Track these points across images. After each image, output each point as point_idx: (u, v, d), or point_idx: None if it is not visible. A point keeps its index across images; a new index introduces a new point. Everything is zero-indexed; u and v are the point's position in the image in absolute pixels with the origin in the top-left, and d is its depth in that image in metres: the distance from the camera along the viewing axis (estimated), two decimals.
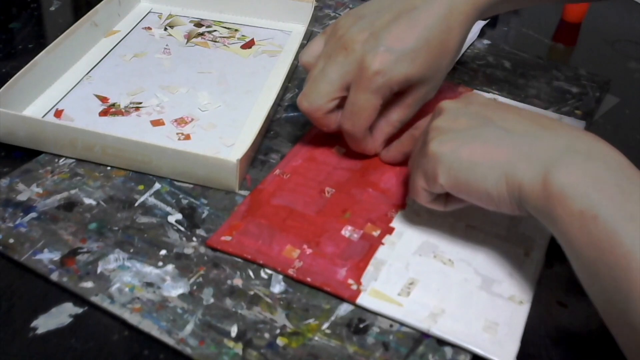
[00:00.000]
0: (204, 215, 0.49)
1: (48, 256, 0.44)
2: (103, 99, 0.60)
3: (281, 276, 0.45)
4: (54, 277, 0.43)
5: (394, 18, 0.49)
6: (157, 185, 0.51)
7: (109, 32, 0.69)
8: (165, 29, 0.71)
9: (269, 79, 0.64)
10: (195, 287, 0.43)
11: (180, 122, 0.57)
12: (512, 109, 0.46)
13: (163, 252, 0.46)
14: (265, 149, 0.56)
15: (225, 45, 0.70)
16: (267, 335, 0.41)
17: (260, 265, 0.45)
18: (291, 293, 0.44)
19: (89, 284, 0.43)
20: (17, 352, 0.39)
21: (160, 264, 0.45)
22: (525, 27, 0.82)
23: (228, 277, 0.44)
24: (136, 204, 0.49)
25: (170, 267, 0.45)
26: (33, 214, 0.47)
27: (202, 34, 0.71)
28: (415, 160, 0.47)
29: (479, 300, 0.44)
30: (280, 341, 0.41)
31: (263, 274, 0.45)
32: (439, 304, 0.43)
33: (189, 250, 0.46)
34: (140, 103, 0.59)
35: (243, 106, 0.60)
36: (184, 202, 0.50)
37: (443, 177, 0.43)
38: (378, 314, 0.43)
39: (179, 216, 0.49)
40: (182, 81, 0.63)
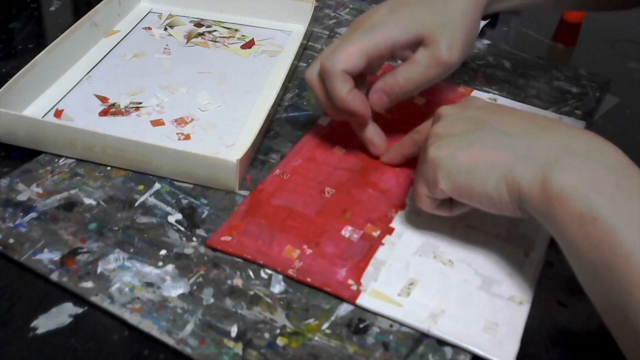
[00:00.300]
0: (204, 215, 0.49)
1: (48, 256, 0.44)
2: (103, 99, 0.60)
3: (281, 276, 0.45)
4: (54, 277, 0.43)
5: None
6: (157, 185, 0.51)
7: (109, 32, 0.69)
8: (165, 29, 0.71)
9: (269, 79, 0.64)
10: (195, 287, 0.43)
11: (180, 122, 0.57)
12: (510, 111, 0.46)
13: (163, 252, 0.46)
14: (265, 149, 0.56)
15: (225, 45, 0.70)
16: (267, 335, 0.41)
17: (260, 265, 0.45)
18: (291, 293, 0.44)
19: (89, 284, 0.43)
20: (17, 352, 0.39)
21: (160, 264, 0.45)
22: (525, 27, 0.82)
23: (228, 277, 0.44)
24: (136, 204, 0.49)
25: (170, 267, 0.45)
26: (33, 214, 0.47)
27: (202, 34, 0.71)
28: (418, 169, 0.47)
29: (478, 301, 0.44)
30: (280, 341, 0.41)
31: (263, 274, 0.45)
32: (438, 304, 0.43)
33: (189, 250, 0.46)
34: (140, 103, 0.59)
35: (243, 106, 0.60)
36: (184, 202, 0.50)
37: (443, 181, 0.43)
38: (378, 314, 0.43)
39: (179, 216, 0.49)
40: (182, 81, 0.63)
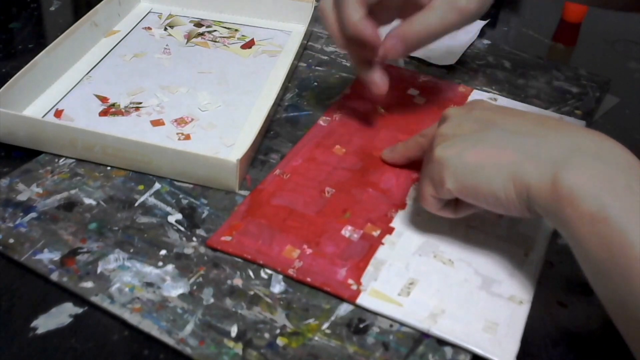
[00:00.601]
0: (204, 215, 0.49)
1: (48, 256, 0.44)
2: (103, 99, 0.60)
3: (281, 276, 0.45)
4: (54, 277, 0.43)
5: None
6: (157, 185, 0.51)
7: (109, 32, 0.69)
8: (165, 29, 0.71)
9: (269, 79, 0.64)
10: (195, 287, 0.43)
11: (180, 122, 0.57)
12: (515, 112, 0.45)
13: (163, 252, 0.46)
14: (265, 149, 0.56)
15: (225, 45, 0.70)
16: (267, 335, 0.41)
17: (260, 265, 0.45)
18: (291, 293, 0.44)
19: (89, 284, 0.43)
20: (17, 352, 0.39)
21: (160, 264, 0.45)
22: (525, 27, 0.82)
23: (228, 277, 0.44)
24: (136, 204, 0.49)
25: (170, 267, 0.45)
26: (33, 214, 0.47)
27: (202, 34, 0.71)
28: (423, 169, 0.47)
29: (479, 301, 0.44)
30: (280, 341, 0.41)
31: (263, 274, 0.45)
32: (439, 304, 0.43)
33: (189, 250, 0.46)
34: (140, 103, 0.59)
35: (243, 106, 0.60)
36: (184, 202, 0.50)
37: (450, 181, 0.43)
38: (378, 314, 0.43)
39: (179, 216, 0.49)
40: (182, 81, 0.63)
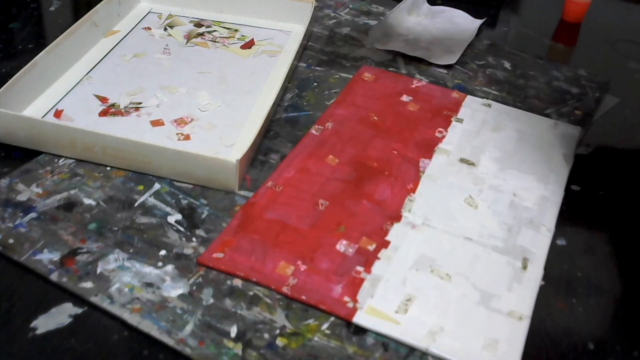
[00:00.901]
0: (203, 216, 0.49)
1: (48, 256, 0.44)
2: (103, 99, 0.60)
3: None
4: (54, 277, 0.43)
5: None
6: (156, 186, 0.51)
7: (109, 32, 0.69)
8: (165, 29, 0.71)
9: (269, 79, 0.64)
10: (194, 288, 0.43)
11: (180, 122, 0.57)
12: None
13: (163, 252, 0.46)
14: (265, 149, 0.56)
15: (225, 45, 0.70)
16: (266, 335, 0.41)
17: (254, 283, 0.44)
18: None
19: (88, 284, 0.43)
20: (17, 352, 0.39)
21: (160, 264, 0.45)
22: (525, 27, 0.82)
23: (227, 278, 0.44)
24: (136, 204, 0.49)
25: (169, 268, 0.45)
26: (33, 214, 0.47)
27: (202, 34, 0.71)
28: None
29: (477, 317, 0.43)
30: (279, 341, 0.41)
31: None
32: (437, 321, 0.42)
33: (188, 251, 0.46)
34: (140, 103, 0.59)
35: (243, 106, 0.60)
36: (184, 202, 0.50)
37: None
38: (375, 332, 0.42)
39: (179, 216, 0.49)
40: (182, 81, 0.63)
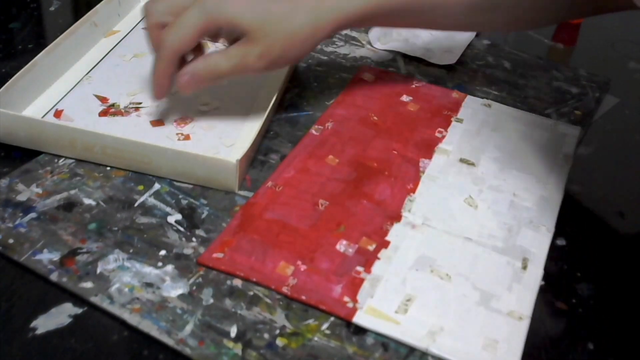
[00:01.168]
0: (203, 216, 0.49)
1: (48, 256, 0.45)
2: (103, 99, 0.60)
3: None
4: (54, 277, 0.43)
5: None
6: (156, 186, 0.51)
7: (109, 32, 0.69)
8: None
9: (269, 79, 0.64)
10: (194, 288, 0.44)
11: (180, 122, 0.57)
12: None
13: (162, 252, 0.46)
14: (265, 149, 0.56)
15: (225, 45, 0.69)
16: (266, 335, 0.41)
17: (254, 283, 0.44)
18: None
19: (88, 284, 0.43)
20: (17, 352, 0.39)
21: (160, 264, 0.45)
22: None
23: (227, 278, 0.44)
24: (136, 204, 0.49)
25: (169, 268, 0.45)
26: (33, 214, 0.47)
27: None
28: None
29: (477, 317, 0.43)
30: (279, 341, 0.41)
31: None
32: (437, 321, 0.42)
33: (188, 251, 0.46)
34: (140, 103, 0.59)
35: (243, 106, 0.60)
36: (184, 202, 0.50)
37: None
38: (375, 332, 0.42)
39: (179, 216, 0.49)
40: None
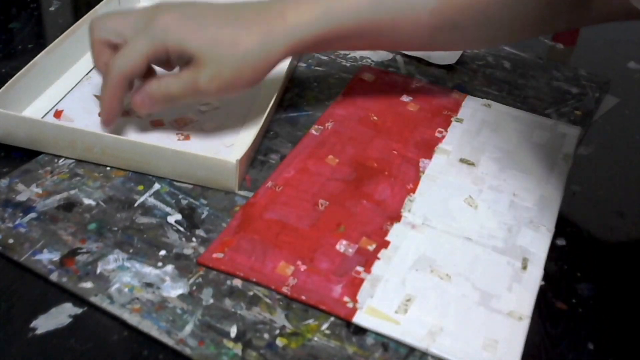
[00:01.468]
0: (203, 216, 0.49)
1: (47, 256, 0.45)
2: None
3: None
4: (54, 277, 0.43)
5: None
6: (156, 186, 0.51)
7: None
8: None
9: (269, 79, 0.64)
10: (194, 288, 0.44)
11: (180, 122, 0.57)
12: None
13: (162, 252, 0.46)
14: (265, 149, 0.56)
15: None
16: (266, 335, 0.41)
17: (254, 283, 0.44)
18: None
19: (88, 285, 0.43)
20: (17, 352, 0.39)
21: (160, 264, 0.45)
22: None
23: (227, 278, 0.44)
24: (136, 205, 0.49)
25: (169, 268, 0.45)
26: (32, 214, 0.47)
27: None
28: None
29: (477, 317, 0.43)
30: (279, 341, 0.41)
31: None
32: (437, 321, 0.42)
33: (188, 251, 0.46)
34: None
35: (243, 106, 0.60)
36: (184, 202, 0.50)
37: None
38: (375, 332, 0.42)
39: (179, 216, 0.49)
40: None
